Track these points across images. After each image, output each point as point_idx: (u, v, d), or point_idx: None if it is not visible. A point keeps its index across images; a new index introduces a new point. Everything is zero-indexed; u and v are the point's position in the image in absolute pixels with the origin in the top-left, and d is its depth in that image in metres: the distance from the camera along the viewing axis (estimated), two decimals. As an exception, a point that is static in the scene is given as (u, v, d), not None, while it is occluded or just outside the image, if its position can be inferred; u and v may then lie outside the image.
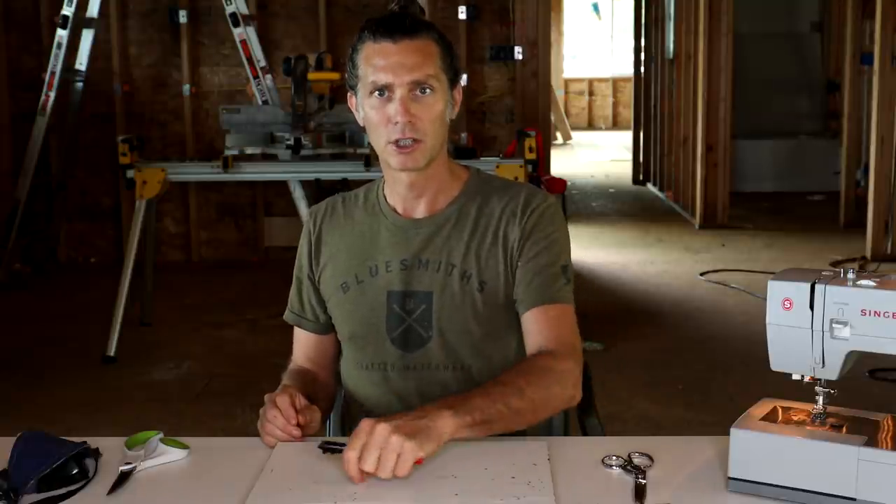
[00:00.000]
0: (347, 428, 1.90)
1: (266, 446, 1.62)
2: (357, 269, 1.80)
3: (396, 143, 1.69)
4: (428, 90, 1.69)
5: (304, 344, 1.90)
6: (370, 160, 5.22)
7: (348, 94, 1.79)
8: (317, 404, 1.70)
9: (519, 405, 1.58)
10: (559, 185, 5.90)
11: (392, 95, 1.69)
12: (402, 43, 1.69)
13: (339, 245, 1.83)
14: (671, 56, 9.08)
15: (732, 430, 1.43)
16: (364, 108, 1.73)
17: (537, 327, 1.72)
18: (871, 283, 1.40)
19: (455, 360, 1.76)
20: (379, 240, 1.80)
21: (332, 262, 1.83)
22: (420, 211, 1.80)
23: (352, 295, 1.80)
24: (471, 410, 1.51)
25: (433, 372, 1.76)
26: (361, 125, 1.77)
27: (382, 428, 1.42)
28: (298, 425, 1.61)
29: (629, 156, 11.09)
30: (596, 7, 17.36)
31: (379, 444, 1.41)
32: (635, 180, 10.52)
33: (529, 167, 5.15)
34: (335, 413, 1.97)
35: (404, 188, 1.79)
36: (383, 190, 1.84)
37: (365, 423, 1.44)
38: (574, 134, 15.40)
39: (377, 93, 1.70)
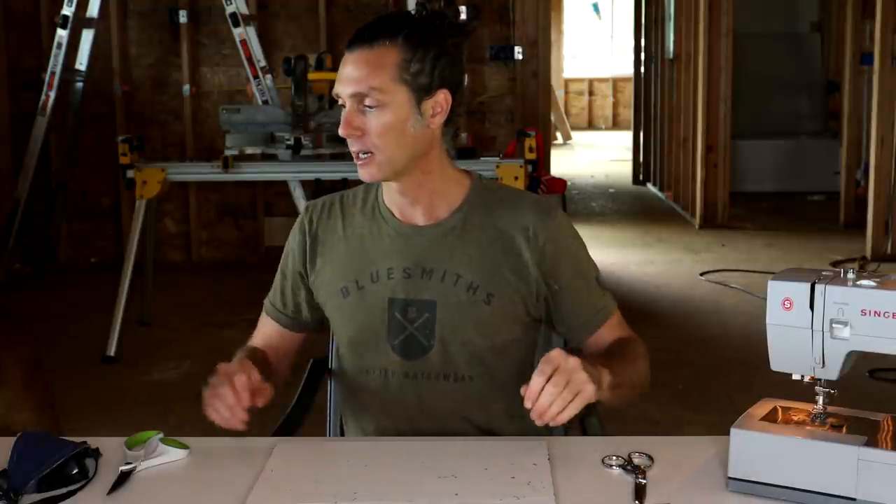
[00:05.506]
0: (349, 429, 1.88)
1: (209, 418, 1.59)
2: (357, 274, 1.77)
3: (356, 153, 1.69)
4: (371, 103, 1.64)
5: (269, 335, 1.88)
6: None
7: None
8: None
9: (634, 378, 1.69)
10: (559, 185, 5.91)
11: (346, 107, 1.67)
12: (356, 53, 1.65)
13: (339, 247, 1.79)
14: (671, 56, 9.08)
15: (732, 430, 1.44)
16: None
17: (609, 339, 1.78)
18: (871, 283, 1.40)
19: (455, 370, 1.74)
20: (380, 245, 1.76)
21: (330, 264, 1.79)
22: (419, 217, 1.76)
23: (352, 300, 1.77)
24: (617, 373, 1.59)
25: (432, 381, 1.74)
26: None
27: (574, 361, 1.49)
28: (249, 409, 1.58)
29: (629, 156, 11.09)
30: (596, 7, 17.35)
31: (568, 373, 1.48)
32: (635, 180, 10.52)
33: (529, 167, 5.15)
34: (335, 415, 1.96)
35: (396, 194, 1.76)
36: (382, 193, 1.80)
37: (557, 353, 1.50)
38: (574, 134, 15.39)
39: (340, 102, 1.68)
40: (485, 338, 1.74)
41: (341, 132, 1.67)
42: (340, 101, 1.68)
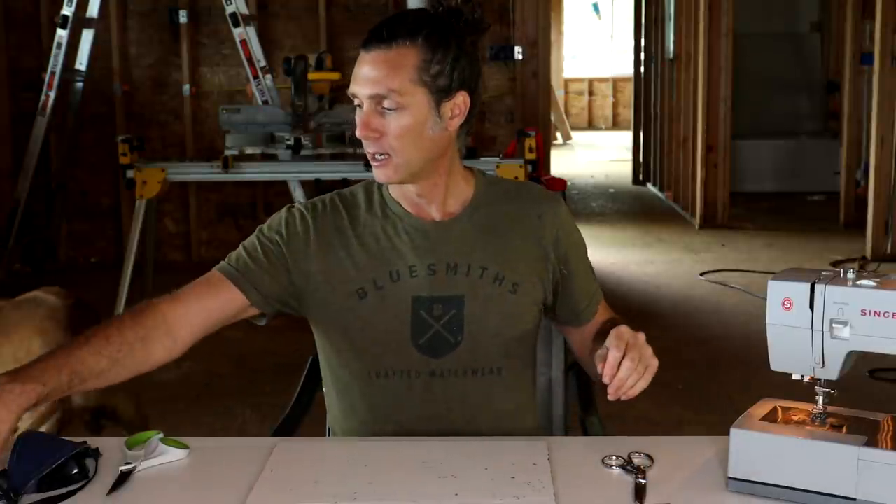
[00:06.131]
0: (353, 432, 1.83)
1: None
2: (375, 274, 1.71)
3: (369, 153, 1.67)
4: (391, 105, 1.61)
5: (217, 297, 1.72)
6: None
7: None
8: (118, 364, 1.59)
9: None
10: (559, 185, 5.90)
11: (362, 107, 1.65)
12: (373, 53, 1.62)
13: (350, 248, 1.73)
14: (671, 56, 9.08)
15: (732, 430, 1.44)
16: None
17: (601, 319, 1.84)
18: (871, 283, 1.40)
19: (484, 364, 1.73)
20: (398, 243, 1.73)
21: (341, 265, 1.72)
22: (434, 213, 1.74)
23: (370, 302, 1.71)
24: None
25: (460, 378, 1.72)
26: None
27: (642, 336, 1.55)
28: None
29: (629, 156, 11.09)
30: (596, 7, 17.35)
31: (640, 348, 1.53)
32: (635, 180, 10.52)
33: (529, 167, 5.16)
34: (334, 421, 1.94)
35: (412, 193, 1.73)
36: (387, 190, 1.77)
37: (626, 329, 1.55)
38: (574, 134, 15.39)
39: (356, 102, 1.66)
40: (512, 328, 1.74)
41: (359, 134, 1.64)
42: (357, 102, 1.65)
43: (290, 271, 1.73)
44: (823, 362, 1.43)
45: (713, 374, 4.50)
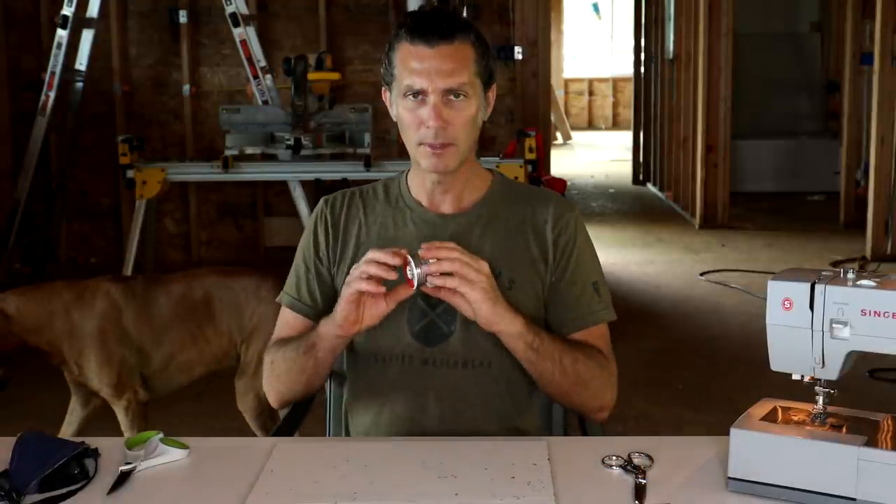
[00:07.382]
0: (357, 421, 1.86)
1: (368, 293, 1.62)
2: None
3: (429, 145, 1.71)
4: (461, 96, 1.70)
5: (293, 327, 1.83)
6: (370, 160, 5.23)
7: (383, 87, 1.80)
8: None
9: (566, 368, 1.70)
10: (559, 185, 5.91)
11: (425, 99, 1.69)
12: (438, 47, 1.69)
13: (362, 236, 1.81)
14: (671, 56, 9.08)
15: (732, 430, 1.44)
16: (398, 107, 1.74)
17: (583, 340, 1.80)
18: (871, 283, 1.40)
19: (475, 357, 1.75)
20: (405, 233, 1.79)
21: (353, 253, 1.80)
22: (446, 206, 1.80)
23: None
24: (538, 334, 1.68)
25: (451, 368, 1.75)
26: (394, 120, 1.78)
27: (494, 294, 1.62)
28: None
29: (629, 156, 11.09)
30: (596, 7, 17.36)
31: (478, 275, 1.59)
32: (635, 180, 10.53)
33: (529, 167, 5.16)
34: (335, 414, 1.96)
35: (432, 184, 1.79)
36: (406, 183, 1.84)
37: (490, 274, 1.62)
38: (574, 134, 15.40)
39: (411, 96, 1.70)
40: None
41: (433, 124, 1.69)
42: (416, 96, 1.70)
43: (328, 273, 1.83)
44: (823, 362, 1.43)
45: (713, 374, 4.49)
